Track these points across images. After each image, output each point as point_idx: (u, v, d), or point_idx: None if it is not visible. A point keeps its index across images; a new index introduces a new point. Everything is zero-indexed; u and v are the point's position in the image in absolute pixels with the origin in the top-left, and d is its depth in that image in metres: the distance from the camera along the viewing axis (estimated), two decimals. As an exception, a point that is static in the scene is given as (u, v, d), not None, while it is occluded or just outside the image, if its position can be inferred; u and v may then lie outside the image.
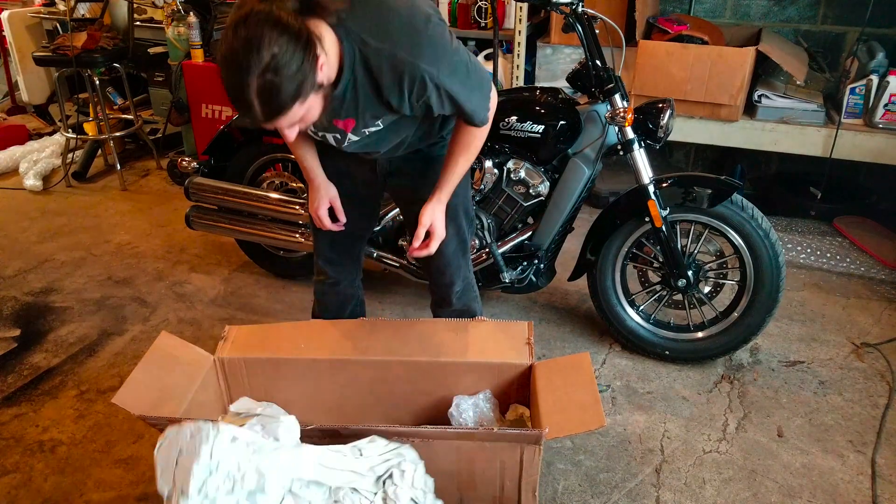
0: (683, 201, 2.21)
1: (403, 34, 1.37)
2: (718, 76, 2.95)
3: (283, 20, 1.19)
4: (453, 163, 1.70)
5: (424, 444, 1.58)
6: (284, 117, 1.26)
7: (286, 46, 1.18)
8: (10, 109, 4.80)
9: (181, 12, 3.56)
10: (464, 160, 1.70)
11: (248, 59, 1.17)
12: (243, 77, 1.18)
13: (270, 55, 1.17)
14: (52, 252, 3.20)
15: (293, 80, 1.21)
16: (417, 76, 1.39)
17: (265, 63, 1.17)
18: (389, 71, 1.39)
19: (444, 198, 1.73)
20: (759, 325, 2.28)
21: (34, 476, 1.98)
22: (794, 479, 1.95)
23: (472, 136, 1.66)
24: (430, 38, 1.39)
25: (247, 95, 1.20)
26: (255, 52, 1.17)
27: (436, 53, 1.40)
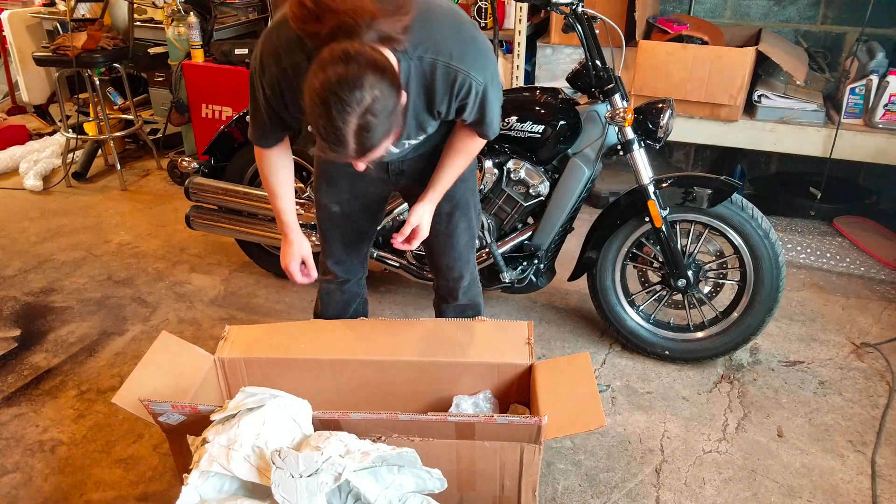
0: (683, 201, 2.22)
1: (455, 43, 1.44)
2: (718, 76, 2.95)
3: (380, 62, 1.23)
4: (450, 165, 1.72)
5: (424, 443, 1.58)
6: (375, 152, 1.31)
7: (384, 89, 1.23)
8: (11, 109, 4.80)
9: (181, 12, 3.56)
10: (461, 163, 1.72)
11: (350, 100, 1.20)
12: (343, 117, 1.22)
13: (372, 98, 1.22)
14: (52, 252, 3.20)
15: (388, 121, 1.26)
16: (467, 82, 1.46)
17: (366, 105, 1.21)
18: (443, 79, 1.45)
19: (435, 198, 1.74)
20: (758, 325, 2.28)
21: (34, 476, 1.98)
22: (794, 479, 1.95)
23: (475, 144, 1.70)
24: (478, 47, 1.48)
25: (343, 134, 1.24)
26: (358, 93, 1.20)
27: (484, 61, 1.49)
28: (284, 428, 1.47)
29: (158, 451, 2.05)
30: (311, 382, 1.91)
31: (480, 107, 1.55)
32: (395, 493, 1.44)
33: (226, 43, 3.49)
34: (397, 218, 2.50)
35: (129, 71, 3.96)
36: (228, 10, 3.93)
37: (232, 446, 1.40)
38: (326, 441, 1.40)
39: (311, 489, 1.31)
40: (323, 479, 1.32)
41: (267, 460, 1.38)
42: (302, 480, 1.31)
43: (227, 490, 1.43)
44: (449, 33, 1.45)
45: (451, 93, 1.48)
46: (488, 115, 1.59)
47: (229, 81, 3.45)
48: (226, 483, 1.43)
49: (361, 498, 1.41)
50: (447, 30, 1.45)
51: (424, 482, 1.48)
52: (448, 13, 1.48)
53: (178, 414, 1.59)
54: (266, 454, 1.40)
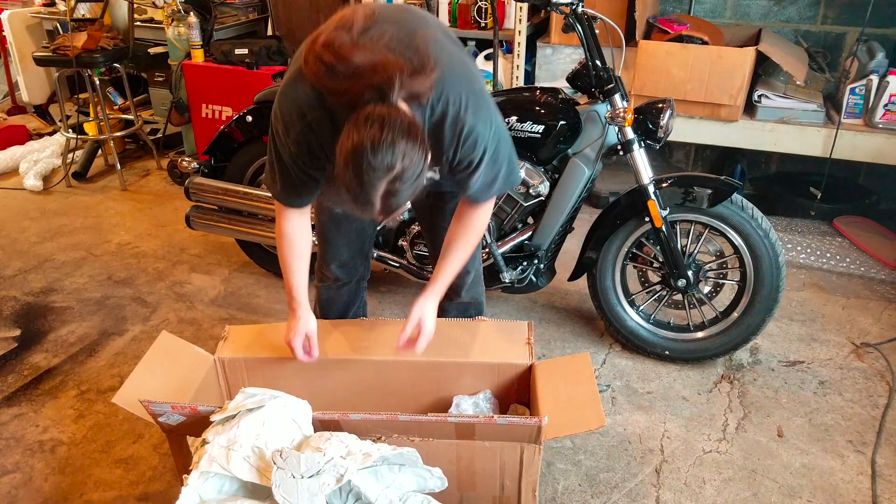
0: (683, 201, 2.22)
1: (469, 99, 1.47)
2: (718, 76, 2.94)
3: (412, 128, 1.27)
4: (451, 255, 1.71)
5: (424, 444, 1.58)
6: (399, 212, 1.38)
7: (414, 156, 1.27)
8: (11, 109, 4.80)
9: (181, 12, 3.56)
10: (464, 251, 1.71)
11: (381, 167, 1.24)
12: (372, 182, 1.25)
13: (402, 167, 1.25)
14: (52, 252, 3.20)
15: (414, 185, 1.31)
16: (473, 135, 1.50)
17: (396, 173, 1.25)
18: (451, 128, 1.48)
19: (436, 295, 1.72)
20: (758, 325, 2.28)
21: (34, 476, 1.98)
22: (794, 479, 1.95)
23: (476, 218, 1.68)
24: (487, 104, 1.53)
25: (371, 196, 1.28)
26: (389, 160, 1.24)
27: (490, 117, 1.53)
28: (284, 429, 1.47)
29: (158, 451, 2.05)
30: (310, 382, 1.91)
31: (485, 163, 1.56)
32: (395, 492, 1.44)
33: (226, 43, 3.50)
34: (396, 218, 2.50)
35: (129, 71, 3.96)
36: (228, 10, 3.94)
37: (232, 447, 1.40)
38: (327, 442, 1.40)
39: (312, 490, 1.31)
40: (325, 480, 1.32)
41: (267, 461, 1.38)
42: (303, 481, 1.31)
43: (226, 491, 1.43)
44: (462, 87, 1.47)
45: (457, 144, 1.51)
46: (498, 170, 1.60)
47: (229, 81, 3.45)
48: (226, 484, 1.43)
49: (362, 497, 1.41)
50: (461, 83, 1.47)
51: (425, 481, 1.48)
52: (461, 66, 1.50)
53: (177, 414, 1.59)
54: (266, 455, 1.40)
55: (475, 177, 1.58)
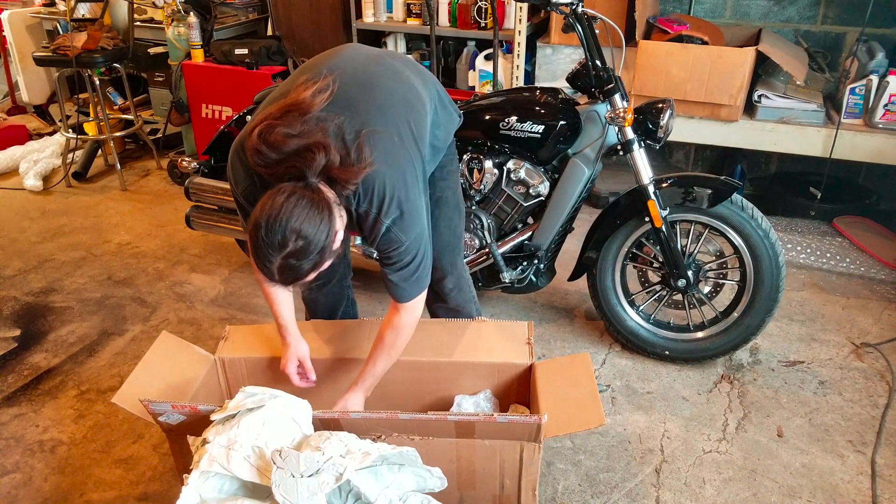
0: (683, 201, 2.22)
1: (393, 206, 1.52)
2: (718, 76, 2.94)
3: (320, 208, 1.35)
4: (373, 363, 1.74)
5: (424, 442, 1.58)
6: (301, 283, 1.42)
7: (313, 236, 1.34)
8: (11, 109, 4.80)
9: (181, 12, 3.56)
10: (384, 360, 1.74)
11: (272, 242, 1.32)
12: (268, 254, 1.34)
13: (294, 246, 1.33)
14: (52, 252, 3.20)
15: (311, 261, 1.37)
16: (389, 234, 1.56)
17: (289, 251, 1.33)
18: (370, 226, 1.55)
19: (363, 389, 1.75)
20: (758, 325, 2.28)
21: (34, 476, 1.98)
22: (794, 479, 1.95)
23: (396, 334, 1.71)
24: (414, 217, 1.57)
25: (269, 268, 1.36)
26: (279, 238, 1.32)
27: (412, 228, 1.58)
28: (284, 428, 1.47)
29: (158, 451, 2.05)
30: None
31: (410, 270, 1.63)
32: (395, 491, 1.44)
33: (226, 43, 3.50)
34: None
35: (129, 71, 3.96)
36: (228, 10, 3.94)
37: (232, 446, 1.40)
38: (327, 441, 1.40)
39: (311, 489, 1.31)
40: (324, 479, 1.32)
41: (267, 460, 1.38)
42: (303, 480, 1.31)
43: (227, 490, 1.43)
44: (389, 193, 1.51)
45: (373, 239, 1.58)
46: (417, 278, 1.65)
47: (229, 81, 3.45)
48: (226, 483, 1.43)
49: (362, 497, 1.41)
50: (390, 189, 1.51)
51: (425, 481, 1.48)
52: (398, 172, 1.54)
53: (178, 414, 1.59)
54: (266, 454, 1.40)
55: (391, 272, 1.64)
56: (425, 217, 1.64)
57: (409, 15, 3.59)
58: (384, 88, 1.62)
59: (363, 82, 1.59)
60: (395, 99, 1.62)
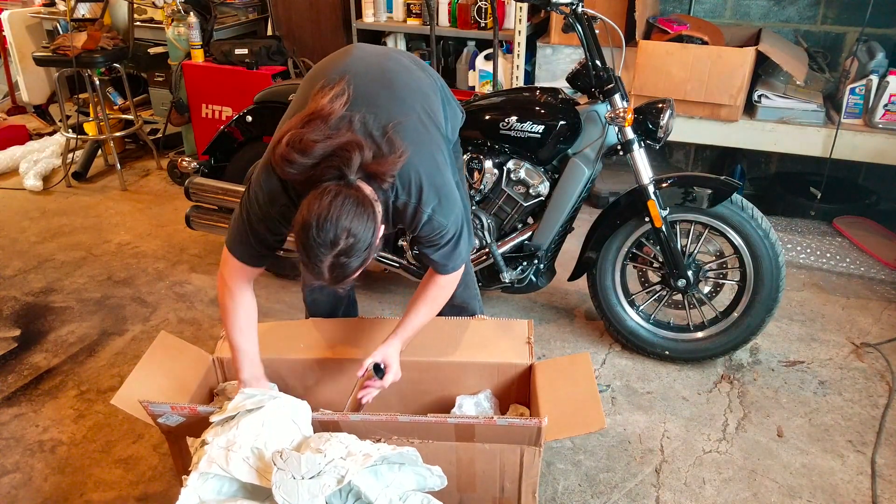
0: (683, 201, 2.21)
1: (430, 191, 1.57)
2: (718, 76, 2.94)
3: (364, 206, 1.36)
4: (415, 313, 1.76)
5: (424, 445, 1.58)
6: (348, 281, 1.43)
7: (360, 230, 1.35)
8: (10, 109, 4.80)
9: (181, 12, 3.56)
10: (426, 311, 1.77)
11: (325, 241, 1.33)
12: (318, 255, 1.35)
13: (346, 244, 1.34)
14: (52, 252, 3.20)
15: (362, 256, 1.39)
16: (431, 222, 1.60)
17: (340, 249, 1.34)
18: (410, 216, 1.59)
19: (400, 340, 1.75)
20: (758, 325, 2.28)
21: (34, 476, 1.98)
22: (794, 479, 1.95)
23: (441, 290, 1.76)
24: (448, 197, 1.61)
25: (320, 267, 1.37)
26: (332, 235, 1.33)
27: (449, 208, 1.62)
28: (284, 429, 1.47)
29: (158, 451, 2.05)
30: (310, 382, 1.91)
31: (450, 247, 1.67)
32: (395, 491, 1.44)
33: (226, 43, 3.49)
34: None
35: (129, 71, 3.96)
36: (228, 10, 3.94)
37: (231, 448, 1.40)
38: (327, 443, 1.40)
39: (312, 491, 1.31)
40: (325, 481, 1.32)
41: (266, 462, 1.38)
42: (304, 482, 1.31)
43: (226, 492, 1.43)
44: (425, 180, 1.56)
45: (414, 226, 1.61)
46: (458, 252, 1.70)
47: (229, 81, 3.45)
48: (225, 485, 1.43)
49: (362, 497, 1.41)
50: (424, 176, 1.56)
51: (425, 480, 1.48)
52: (428, 158, 1.59)
53: (177, 415, 1.59)
54: (265, 456, 1.40)
55: (432, 251, 1.68)
56: (458, 194, 1.67)
57: (409, 15, 3.59)
58: (399, 81, 1.64)
59: (378, 78, 1.61)
60: (412, 90, 1.65)
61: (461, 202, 1.68)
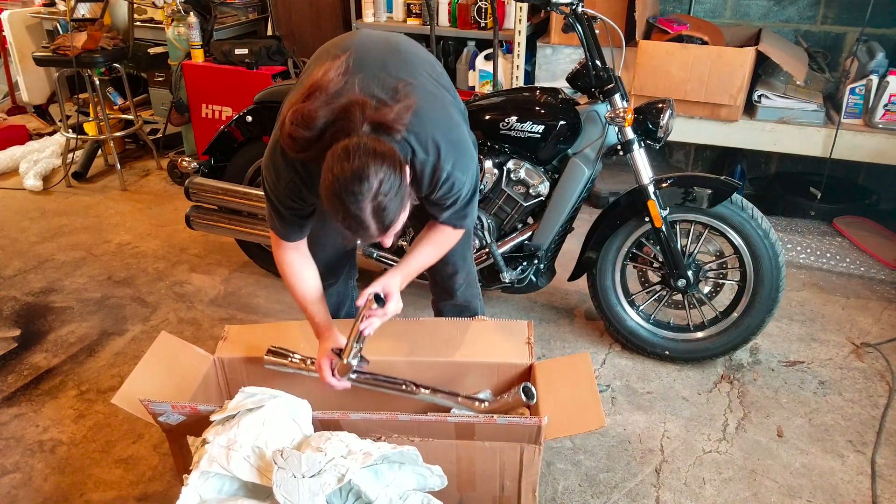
0: (683, 201, 2.22)
1: (447, 146, 1.56)
2: (718, 76, 2.94)
3: (378, 149, 1.34)
4: (419, 252, 1.78)
5: (424, 444, 1.58)
6: (395, 225, 1.42)
7: (387, 172, 1.34)
8: (10, 109, 4.80)
9: (181, 12, 3.56)
10: (429, 252, 1.78)
11: (360, 189, 1.32)
12: (358, 206, 1.34)
13: (378, 182, 1.33)
14: (52, 252, 3.20)
15: (398, 197, 1.38)
16: (450, 179, 1.59)
17: (375, 190, 1.33)
18: (429, 175, 1.57)
19: (399, 276, 1.77)
20: (758, 325, 2.28)
21: (34, 476, 1.98)
22: (794, 479, 1.95)
23: (446, 237, 1.77)
24: (466, 152, 1.62)
25: (363, 219, 1.36)
26: (366, 181, 1.32)
27: (467, 163, 1.63)
28: (284, 428, 1.47)
29: (158, 451, 2.05)
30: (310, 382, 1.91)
31: (463, 202, 1.67)
32: (395, 490, 1.44)
33: (226, 43, 3.49)
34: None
35: (129, 71, 3.96)
36: (228, 10, 3.94)
37: (232, 447, 1.40)
38: (328, 442, 1.40)
39: (313, 490, 1.31)
40: (326, 479, 1.32)
41: (267, 461, 1.38)
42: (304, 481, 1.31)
43: (227, 491, 1.43)
44: (442, 134, 1.55)
45: (433, 187, 1.60)
46: (469, 210, 1.71)
47: (229, 81, 3.45)
48: (226, 484, 1.43)
49: (362, 496, 1.41)
50: (441, 130, 1.56)
51: (425, 479, 1.48)
52: (441, 111, 1.60)
53: (177, 414, 1.59)
54: (266, 454, 1.40)
55: (445, 209, 1.69)
56: (473, 149, 1.67)
57: (409, 15, 3.59)
58: (406, 50, 1.66)
59: (383, 48, 1.62)
60: (420, 58, 1.66)
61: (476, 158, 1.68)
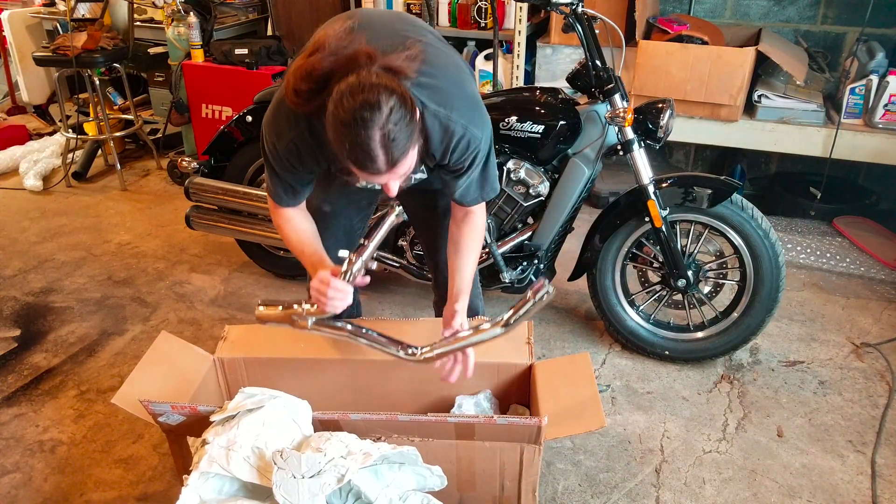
0: (683, 201, 2.22)
1: (459, 100, 1.50)
2: (718, 76, 2.94)
3: (387, 83, 1.30)
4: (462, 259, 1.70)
5: (424, 444, 1.58)
6: (403, 163, 1.35)
7: (397, 102, 1.29)
8: (10, 109, 4.80)
9: (181, 12, 3.56)
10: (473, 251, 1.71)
11: (371, 115, 1.27)
12: (367, 132, 1.28)
13: (389, 108, 1.28)
14: (52, 252, 3.20)
15: (408, 127, 1.32)
16: (466, 137, 1.52)
17: (385, 117, 1.28)
18: (441, 130, 1.50)
19: (463, 308, 1.70)
20: (758, 325, 2.28)
21: (34, 476, 1.98)
22: (794, 479, 1.95)
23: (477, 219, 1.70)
24: (479, 108, 1.57)
25: (371, 149, 1.29)
26: (377, 109, 1.27)
27: (482, 121, 1.57)
28: (284, 429, 1.47)
29: (158, 451, 2.05)
30: (310, 382, 1.91)
31: (481, 166, 1.60)
32: (395, 490, 1.44)
33: (226, 43, 3.49)
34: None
35: (129, 71, 3.96)
36: (228, 10, 3.94)
37: (231, 447, 1.40)
38: (327, 442, 1.40)
39: (312, 490, 1.31)
40: (326, 480, 1.32)
41: (267, 461, 1.38)
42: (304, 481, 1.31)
43: (227, 491, 1.43)
44: (458, 92, 1.51)
45: (447, 146, 1.53)
46: (490, 174, 1.64)
47: (229, 81, 3.45)
48: (226, 484, 1.43)
49: (362, 496, 1.41)
50: (455, 87, 1.51)
51: (425, 479, 1.48)
52: (452, 66, 1.55)
53: (177, 414, 1.59)
54: (266, 455, 1.40)
55: (463, 178, 1.61)
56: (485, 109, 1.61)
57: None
58: (413, 19, 1.63)
59: (389, 15, 1.61)
60: (427, 27, 1.64)
61: None
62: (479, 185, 1.64)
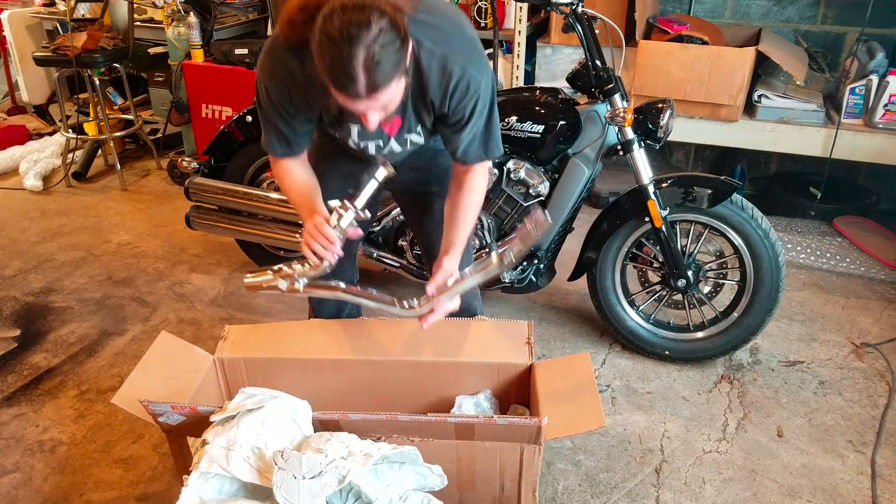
0: (683, 201, 2.22)
1: (457, 40, 1.46)
2: (718, 76, 2.95)
3: (379, 5, 1.24)
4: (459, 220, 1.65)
5: (424, 444, 1.58)
6: (384, 91, 1.28)
7: (388, 24, 1.24)
8: (10, 109, 4.80)
9: (181, 12, 3.56)
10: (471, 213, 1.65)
11: (358, 33, 1.21)
12: (352, 49, 1.22)
13: (378, 29, 1.22)
14: (52, 252, 3.20)
15: (395, 54, 1.26)
16: (465, 78, 1.46)
17: (373, 35, 1.22)
18: (438, 70, 1.45)
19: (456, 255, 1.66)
20: (758, 325, 2.28)
21: (34, 476, 1.98)
22: (794, 479, 1.95)
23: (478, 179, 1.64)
24: (479, 51, 1.51)
25: (353, 67, 1.23)
26: (365, 27, 1.21)
27: (482, 63, 1.50)
28: (284, 429, 1.47)
29: (158, 451, 2.05)
30: (310, 383, 1.91)
31: (483, 113, 1.54)
32: (395, 490, 1.44)
33: (226, 43, 3.49)
34: (397, 218, 2.50)
35: (129, 71, 3.96)
36: (228, 10, 3.94)
37: (231, 447, 1.40)
38: (328, 443, 1.40)
39: (313, 491, 1.31)
40: (326, 481, 1.32)
41: (267, 461, 1.38)
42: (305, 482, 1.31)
43: (226, 491, 1.43)
44: (455, 31, 1.46)
45: (445, 88, 1.47)
46: (493, 128, 1.58)
47: (229, 81, 3.45)
48: (226, 484, 1.43)
49: (362, 496, 1.41)
50: (453, 27, 1.46)
51: (425, 479, 1.48)
52: (452, 9, 1.52)
53: (177, 414, 1.59)
54: (266, 455, 1.40)
55: (465, 132, 1.55)
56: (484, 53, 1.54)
57: (409, 15, 3.59)
58: None
59: None
60: None
61: None
62: (483, 140, 1.59)
